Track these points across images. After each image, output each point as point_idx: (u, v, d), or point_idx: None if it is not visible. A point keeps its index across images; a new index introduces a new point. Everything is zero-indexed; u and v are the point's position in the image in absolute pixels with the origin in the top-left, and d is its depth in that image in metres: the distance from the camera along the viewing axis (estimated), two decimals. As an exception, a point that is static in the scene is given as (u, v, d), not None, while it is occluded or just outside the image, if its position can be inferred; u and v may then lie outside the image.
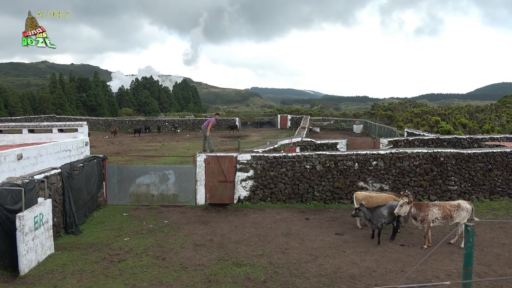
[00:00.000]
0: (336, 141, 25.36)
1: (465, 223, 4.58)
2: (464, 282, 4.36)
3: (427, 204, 12.13)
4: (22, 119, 54.73)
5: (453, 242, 12.35)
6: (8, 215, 10.22)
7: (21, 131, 17.94)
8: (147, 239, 12.97)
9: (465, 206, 12.01)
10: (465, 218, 11.87)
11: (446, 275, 10.05)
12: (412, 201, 12.04)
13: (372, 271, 10.38)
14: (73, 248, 12.19)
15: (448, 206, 11.99)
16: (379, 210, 12.59)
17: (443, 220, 11.88)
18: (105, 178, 17.35)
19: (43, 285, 9.56)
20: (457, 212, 11.87)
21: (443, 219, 11.87)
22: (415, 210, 11.95)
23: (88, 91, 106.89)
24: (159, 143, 39.66)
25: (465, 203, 12.13)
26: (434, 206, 11.96)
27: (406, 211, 11.95)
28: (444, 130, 35.15)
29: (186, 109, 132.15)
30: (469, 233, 4.47)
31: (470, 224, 4.45)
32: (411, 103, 73.05)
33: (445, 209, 11.88)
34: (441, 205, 12.05)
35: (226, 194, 17.19)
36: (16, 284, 9.65)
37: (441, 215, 11.84)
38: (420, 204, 12.10)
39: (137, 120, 58.58)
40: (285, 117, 56.41)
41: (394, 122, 49.34)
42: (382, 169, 17.43)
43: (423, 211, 11.90)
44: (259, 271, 10.36)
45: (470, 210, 12.00)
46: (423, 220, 11.92)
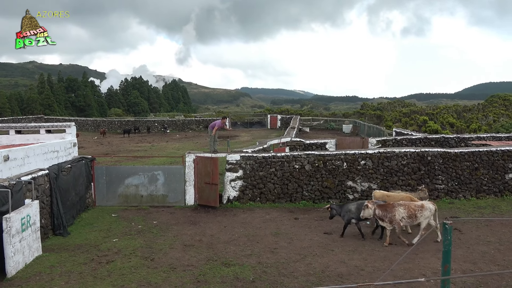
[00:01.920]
0: (325, 141, 25.47)
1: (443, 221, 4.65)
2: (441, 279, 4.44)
3: (393, 204, 12.29)
4: (10, 120, 54.17)
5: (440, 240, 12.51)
6: (-6, 217, 10.13)
7: (8, 132, 17.78)
8: (136, 240, 12.94)
9: (429, 206, 12.23)
10: (428, 218, 12.13)
11: (433, 272, 10.17)
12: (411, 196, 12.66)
13: (360, 269, 10.47)
14: (61, 250, 12.12)
15: (413, 206, 12.21)
16: (348, 206, 13.06)
17: (408, 219, 12.13)
18: (93, 179, 17.26)
19: (31, 287, 9.50)
20: (421, 212, 12.09)
21: (408, 218, 12.10)
22: (380, 211, 12.20)
23: (77, 92, 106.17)
24: (148, 143, 39.51)
25: (429, 204, 12.35)
26: (399, 206, 12.15)
27: (370, 214, 12.30)
28: (432, 130, 35.49)
29: (176, 109, 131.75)
30: (447, 231, 4.55)
31: (448, 222, 4.53)
32: (400, 103, 73.60)
33: (410, 209, 12.10)
34: (406, 205, 12.25)
35: (212, 197, 17.07)
36: (3, 287, 9.57)
37: (406, 215, 12.06)
38: (386, 205, 12.31)
39: (126, 121, 58.28)
40: (275, 117, 56.50)
41: (383, 121, 49.70)
42: (370, 169, 17.56)
43: (390, 212, 12.09)
44: (248, 271, 10.40)
45: (433, 210, 12.20)
46: (391, 221, 12.12)
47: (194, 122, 56.05)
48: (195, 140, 40.85)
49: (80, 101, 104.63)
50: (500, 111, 45.77)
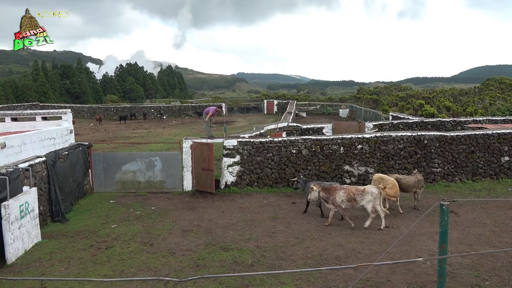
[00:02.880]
0: (322, 125, 25.49)
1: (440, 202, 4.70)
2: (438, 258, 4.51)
3: (335, 187, 12.69)
4: (5, 107, 53.79)
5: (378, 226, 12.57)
6: (-8, 204, 10.15)
7: (3, 120, 17.71)
8: (135, 226, 13.01)
9: (371, 190, 12.33)
10: (370, 202, 12.25)
11: (429, 254, 10.30)
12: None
13: (357, 252, 10.59)
14: (60, 236, 12.19)
15: (354, 190, 12.47)
16: (310, 183, 13.56)
17: (348, 202, 12.41)
18: (91, 165, 17.27)
19: (31, 273, 9.57)
20: (361, 196, 12.28)
21: (348, 201, 12.39)
22: (324, 194, 12.63)
23: (72, 78, 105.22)
24: (145, 130, 39.44)
25: (372, 188, 12.45)
26: (341, 190, 12.52)
27: (316, 196, 12.74)
28: (428, 113, 35.50)
29: (172, 95, 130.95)
30: (444, 212, 4.61)
31: (445, 203, 4.59)
32: (396, 87, 73.46)
33: (350, 193, 12.38)
34: (347, 188, 12.60)
35: (208, 182, 17.12)
36: (4, 273, 9.64)
37: (346, 198, 12.38)
38: (329, 188, 12.71)
39: (122, 107, 58.00)
40: (272, 102, 56.36)
41: (379, 106, 49.64)
42: (367, 153, 17.62)
43: (332, 195, 12.51)
44: (247, 255, 10.49)
45: (376, 194, 12.26)
46: (334, 203, 12.53)
47: (191, 108, 55.86)
48: (192, 126, 40.80)
49: (75, 88, 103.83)
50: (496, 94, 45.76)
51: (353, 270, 9.33)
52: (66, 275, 9.44)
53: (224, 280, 8.89)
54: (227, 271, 9.58)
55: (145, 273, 9.52)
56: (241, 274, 9.31)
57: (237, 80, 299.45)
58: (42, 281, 8.96)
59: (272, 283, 8.79)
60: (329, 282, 8.83)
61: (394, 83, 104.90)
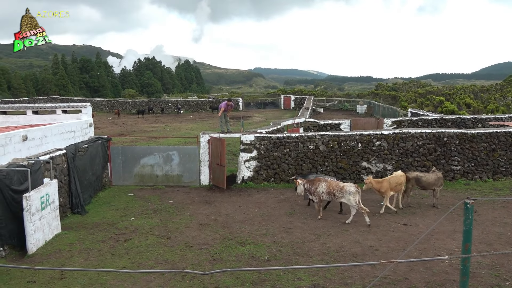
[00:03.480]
0: (339, 121, 25.33)
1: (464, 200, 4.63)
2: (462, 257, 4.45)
3: (319, 179, 13.06)
4: (26, 101, 54.75)
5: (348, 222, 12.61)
6: (14, 196, 10.37)
7: (25, 113, 17.99)
8: (152, 219, 13.14)
9: (348, 189, 12.36)
10: (350, 200, 12.33)
11: (448, 253, 10.16)
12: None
13: (375, 249, 10.50)
14: (79, 228, 12.38)
15: (335, 185, 12.65)
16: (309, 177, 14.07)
17: (327, 195, 12.73)
18: (109, 159, 17.48)
19: (51, 264, 9.74)
20: (340, 192, 12.45)
21: (327, 194, 12.69)
22: (308, 185, 13.12)
23: (91, 72, 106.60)
24: (162, 124, 39.72)
25: (350, 186, 12.44)
26: (324, 182, 12.84)
27: (302, 190, 13.32)
28: (448, 110, 34.99)
29: (189, 90, 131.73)
30: (468, 210, 4.53)
31: (469, 202, 4.51)
32: (415, 83, 72.59)
33: (330, 187, 12.62)
34: (329, 182, 12.82)
35: (220, 178, 17.14)
36: (25, 263, 9.84)
37: (325, 191, 12.68)
38: (313, 180, 13.15)
39: (140, 101, 58.52)
40: (289, 98, 56.17)
41: (398, 102, 49.12)
42: (385, 149, 17.46)
43: (314, 186, 12.91)
44: (263, 250, 10.50)
45: (353, 192, 12.29)
46: (314, 194, 12.96)
47: (207, 102, 56.02)
48: (209, 121, 40.94)
49: (94, 82, 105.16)
50: (519, 91, 44.87)
51: (370, 267, 9.27)
52: (85, 266, 9.59)
53: (240, 274, 8.92)
54: (244, 266, 9.60)
55: (162, 266, 9.61)
56: (262, 268, 9.34)
57: (254, 75, 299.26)
58: (62, 271, 9.11)
59: (289, 278, 8.78)
60: (345, 279, 8.79)
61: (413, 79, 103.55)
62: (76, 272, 9.16)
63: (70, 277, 8.94)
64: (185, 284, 8.53)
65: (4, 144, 11.12)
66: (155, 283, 8.59)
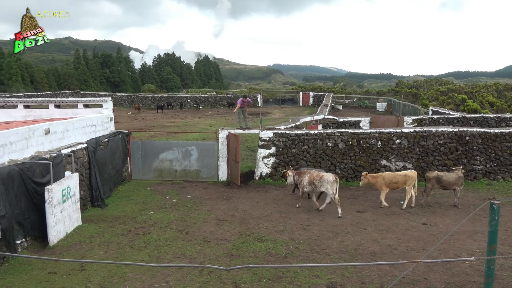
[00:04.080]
0: (359, 119, 25.09)
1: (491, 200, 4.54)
2: (488, 258, 4.36)
3: (305, 171, 13.89)
4: (48, 95, 55.65)
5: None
6: (36, 188, 10.55)
7: (47, 107, 18.29)
8: (171, 213, 13.24)
9: (327, 178, 13.09)
10: (328, 189, 13.08)
11: (469, 254, 9.99)
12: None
13: (393, 249, 10.40)
14: (99, 221, 12.55)
15: (315, 175, 13.40)
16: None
17: (309, 185, 13.46)
18: (129, 153, 17.67)
19: (72, 256, 9.90)
20: (319, 182, 13.18)
21: (309, 184, 13.44)
22: (296, 177, 13.98)
23: (112, 67, 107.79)
24: (181, 119, 39.96)
25: (329, 176, 13.15)
26: (307, 174, 13.64)
27: (291, 181, 14.15)
28: (471, 109, 34.32)
29: (208, 85, 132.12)
30: (494, 211, 4.44)
31: (496, 202, 4.41)
32: (437, 81, 71.39)
33: (312, 178, 13.39)
34: (311, 173, 13.59)
35: (235, 174, 17.14)
36: (46, 254, 10.02)
37: (307, 182, 13.45)
38: (300, 172, 13.99)
39: (159, 96, 58.91)
40: (307, 95, 55.88)
41: (418, 100, 48.40)
42: (405, 148, 17.24)
43: (300, 177, 13.75)
44: (280, 247, 10.49)
45: (331, 182, 12.99)
46: (300, 185, 13.85)
47: (226, 98, 56.11)
48: (227, 117, 41.02)
49: (114, 77, 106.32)
50: (544, 90, 43.75)
51: (388, 266, 9.18)
52: (104, 259, 9.73)
53: (257, 271, 8.92)
54: (261, 262, 9.61)
55: (180, 260, 9.68)
56: (282, 265, 9.35)
57: (272, 71, 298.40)
58: (82, 263, 9.25)
59: (306, 276, 8.76)
60: (363, 278, 8.72)
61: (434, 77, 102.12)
62: (96, 264, 9.30)
63: (90, 269, 9.08)
64: (203, 279, 8.58)
65: (27, 137, 11.33)
66: (173, 277, 8.66)
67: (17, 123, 14.42)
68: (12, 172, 9.73)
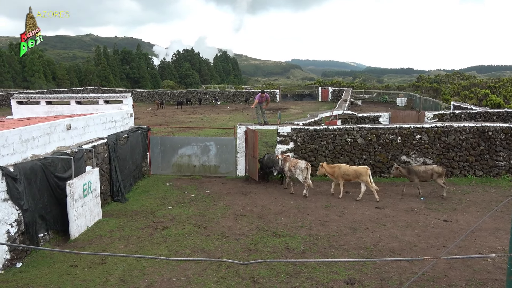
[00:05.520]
0: (378, 114, 24.83)
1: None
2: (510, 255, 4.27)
3: (287, 159, 15.32)
4: (69, 91, 56.55)
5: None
6: (58, 183, 10.75)
7: (69, 103, 18.57)
8: (190, 208, 13.34)
9: (299, 165, 14.58)
10: (299, 175, 14.54)
11: (490, 251, 9.82)
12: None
13: (413, 245, 10.28)
14: (119, 215, 12.73)
15: (293, 162, 14.92)
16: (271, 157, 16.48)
17: (288, 172, 15.04)
18: (149, 148, 17.86)
19: (93, 249, 10.07)
20: (294, 168, 14.72)
21: (288, 171, 15.02)
22: (282, 163, 15.40)
23: (131, 64, 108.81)
24: (200, 115, 40.16)
25: (301, 163, 14.59)
26: (289, 161, 15.14)
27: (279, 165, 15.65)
28: (494, 104, 33.61)
29: (226, 81, 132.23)
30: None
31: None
32: (458, 75, 70.08)
33: (291, 165, 14.94)
34: (291, 161, 15.14)
35: (253, 170, 17.14)
36: (67, 247, 10.22)
37: (287, 168, 15.04)
38: (285, 159, 15.39)
39: (178, 92, 59.30)
40: (326, 90, 55.52)
41: (440, 95, 47.62)
42: (426, 143, 17.00)
43: (284, 163, 15.29)
44: (299, 242, 10.48)
45: (302, 169, 14.46)
46: (285, 171, 15.29)
47: (245, 94, 56.15)
48: (246, 112, 41.06)
49: (134, 73, 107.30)
50: None
51: (408, 263, 9.09)
52: (124, 253, 9.86)
53: (275, 266, 8.93)
54: (279, 257, 9.61)
55: (199, 255, 9.75)
56: (298, 260, 9.32)
57: (291, 66, 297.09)
58: (103, 256, 9.40)
59: (324, 271, 8.72)
60: (382, 274, 8.65)
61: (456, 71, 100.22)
62: (116, 258, 9.44)
63: (110, 263, 9.22)
64: (221, 273, 8.63)
65: (49, 133, 11.53)
66: (192, 271, 8.73)
67: (39, 119, 14.69)
68: (34, 167, 9.93)
